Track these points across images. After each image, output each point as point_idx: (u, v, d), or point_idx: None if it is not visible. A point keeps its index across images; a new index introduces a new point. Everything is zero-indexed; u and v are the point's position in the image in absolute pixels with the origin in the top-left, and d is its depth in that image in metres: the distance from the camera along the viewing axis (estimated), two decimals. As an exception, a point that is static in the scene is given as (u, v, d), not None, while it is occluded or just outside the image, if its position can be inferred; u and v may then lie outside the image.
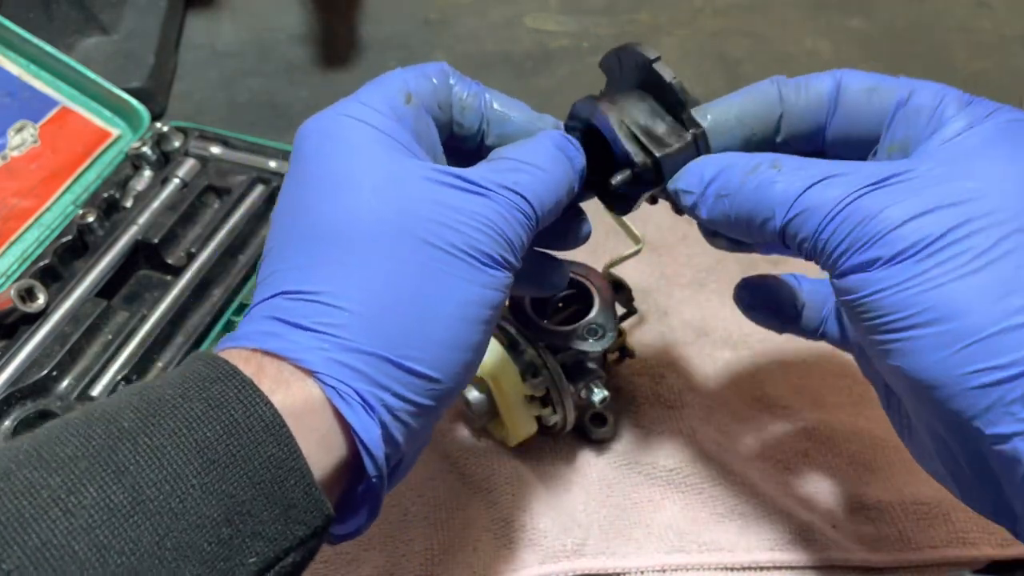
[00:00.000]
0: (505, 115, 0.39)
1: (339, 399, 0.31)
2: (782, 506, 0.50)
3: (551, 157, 0.37)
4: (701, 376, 0.57)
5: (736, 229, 0.36)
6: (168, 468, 0.27)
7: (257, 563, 0.29)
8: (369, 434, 0.31)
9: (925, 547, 0.49)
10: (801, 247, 0.34)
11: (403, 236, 0.32)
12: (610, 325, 0.49)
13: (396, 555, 0.49)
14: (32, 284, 0.59)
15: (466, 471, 0.52)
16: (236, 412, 0.29)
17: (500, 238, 0.34)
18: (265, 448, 0.29)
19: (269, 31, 0.87)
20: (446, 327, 0.32)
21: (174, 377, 0.30)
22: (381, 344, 0.31)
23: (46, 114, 0.68)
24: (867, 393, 0.56)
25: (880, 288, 0.31)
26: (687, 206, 0.37)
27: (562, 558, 0.49)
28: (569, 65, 0.81)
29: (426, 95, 0.37)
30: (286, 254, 0.33)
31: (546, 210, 0.36)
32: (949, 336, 0.30)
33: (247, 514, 0.28)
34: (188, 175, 0.67)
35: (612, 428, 0.53)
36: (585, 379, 0.50)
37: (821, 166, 0.34)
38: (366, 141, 0.34)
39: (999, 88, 0.28)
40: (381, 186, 0.33)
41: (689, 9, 0.88)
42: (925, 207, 0.31)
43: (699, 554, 0.49)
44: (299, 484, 0.29)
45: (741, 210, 0.35)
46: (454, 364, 0.33)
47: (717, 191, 0.36)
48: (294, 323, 0.31)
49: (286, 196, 0.35)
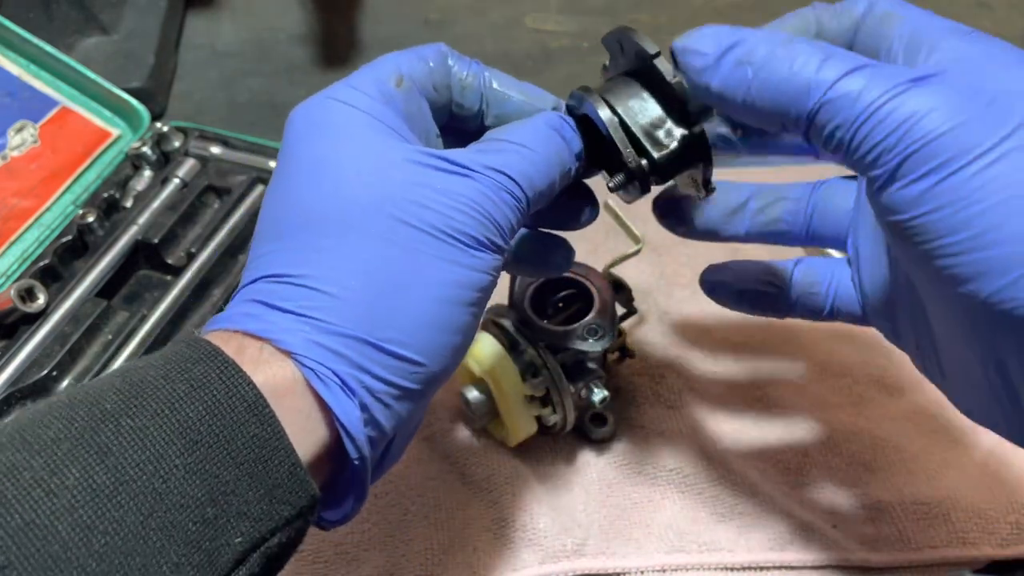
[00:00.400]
0: (504, 95, 0.38)
1: (317, 380, 0.30)
2: (782, 506, 0.50)
3: (543, 137, 0.36)
4: (701, 376, 0.57)
5: (751, 109, 0.32)
6: (151, 449, 0.27)
7: (243, 543, 0.28)
8: (349, 416, 0.31)
9: (925, 547, 0.49)
10: (830, 141, 0.30)
11: (385, 218, 0.32)
12: (610, 325, 0.49)
13: (396, 555, 0.49)
14: (32, 284, 0.59)
15: (466, 471, 0.52)
16: (218, 392, 0.29)
17: (486, 219, 0.33)
18: (248, 428, 0.29)
19: (269, 31, 0.87)
20: (428, 309, 0.32)
21: (156, 359, 0.30)
22: (362, 327, 0.31)
23: (46, 114, 0.68)
24: (867, 393, 0.56)
25: (934, 207, 0.28)
26: (693, 69, 0.33)
27: (562, 558, 0.49)
28: (569, 65, 0.81)
29: (420, 77, 0.36)
30: (270, 238, 0.33)
31: (537, 191, 0.35)
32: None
33: (231, 494, 0.28)
34: (188, 175, 0.67)
35: (612, 428, 0.53)
36: (585, 379, 0.50)
37: (861, 58, 0.30)
38: (351, 124, 0.34)
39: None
40: (365, 169, 0.33)
41: (689, 9, 0.88)
42: (974, 109, 0.28)
43: (699, 554, 0.49)
44: (283, 463, 0.29)
45: (766, 84, 0.31)
46: (439, 347, 0.33)
47: (738, 58, 0.32)
48: (275, 305, 0.31)
49: (274, 182, 0.35)
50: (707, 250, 0.63)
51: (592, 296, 0.50)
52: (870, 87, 0.29)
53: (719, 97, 0.33)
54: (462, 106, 0.38)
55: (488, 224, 0.33)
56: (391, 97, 0.35)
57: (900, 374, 0.56)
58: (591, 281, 0.51)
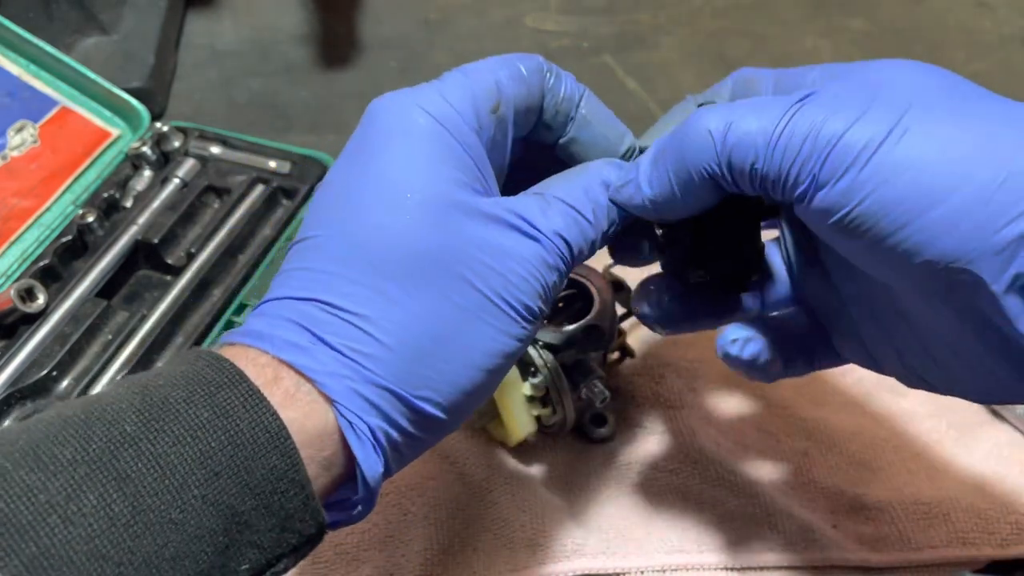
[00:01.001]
0: (587, 120, 0.37)
1: (352, 432, 0.30)
2: (782, 506, 0.50)
3: (601, 209, 0.35)
4: (701, 376, 0.57)
5: (675, 194, 0.33)
6: (171, 478, 0.27)
7: (249, 570, 0.28)
8: (372, 471, 0.31)
9: (925, 547, 0.49)
10: (752, 178, 0.31)
11: (451, 275, 0.31)
12: (610, 325, 0.49)
13: (396, 555, 0.49)
14: (32, 284, 0.59)
15: (466, 471, 0.52)
16: (242, 422, 0.28)
17: (542, 287, 0.33)
18: (268, 459, 0.28)
19: (269, 31, 0.87)
20: (468, 375, 0.32)
21: (178, 378, 0.29)
22: (402, 381, 0.31)
23: (46, 114, 0.68)
24: (867, 393, 0.56)
25: (865, 193, 0.29)
26: (629, 201, 0.34)
27: (562, 558, 0.49)
28: (569, 65, 0.80)
29: (517, 101, 0.35)
30: (324, 254, 0.32)
31: (581, 259, 0.35)
32: (969, 201, 0.28)
33: (245, 524, 0.28)
34: (188, 175, 0.67)
35: (612, 428, 0.53)
36: (585, 379, 0.50)
37: (740, 102, 0.32)
38: (438, 151, 0.32)
39: (999, 88, 0.28)
40: (442, 215, 0.31)
41: (689, 9, 0.88)
42: (860, 109, 0.30)
43: (699, 554, 0.49)
44: (298, 495, 0.29)
45: (677, 161, 0.32)
46: (463, 407, 0.33)
47: (651, 159, 0.34)
48: (324, 339, 0.30)
49: (338, 177, 0.33)
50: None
51: (592, 296, 0.50)
52: (764, 118, 0.31)
53: (653, 205, 0.34)
54: (550, 128, 0.37)
55: (542, 292, 0.33)
56: (484, 125, 0.34)
57: (900, 374, 0.56)
58: (591, 281, 0.51)
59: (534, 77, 0.35)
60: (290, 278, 0.32)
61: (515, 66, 0.35)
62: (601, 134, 0.37)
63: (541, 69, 0.36)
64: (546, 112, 0.36)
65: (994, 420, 0.54)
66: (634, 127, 0.39)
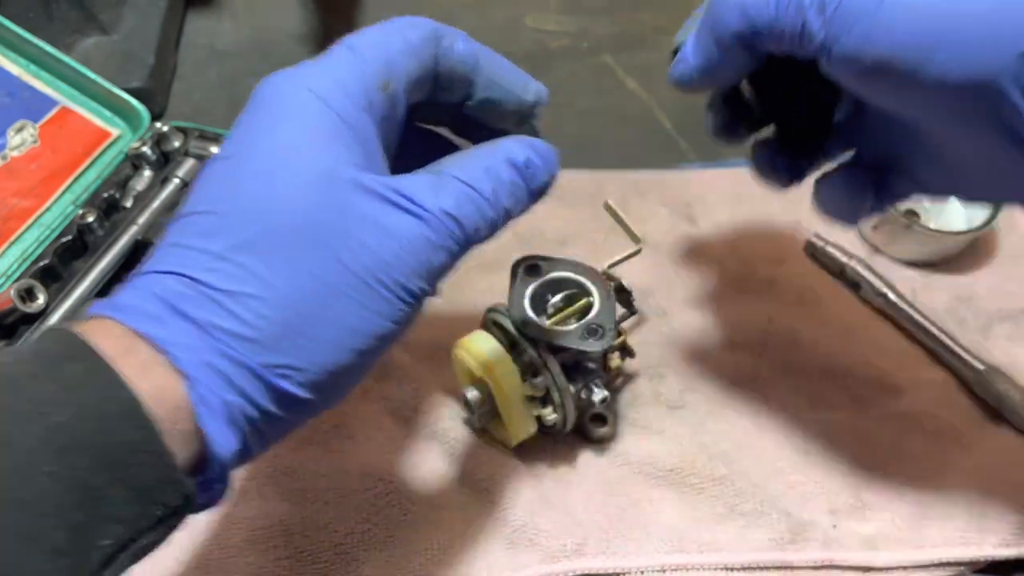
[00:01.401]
0: (490, 81, 0.37)
1: (203, 407, 0.29)
2: (782, 506, 0.50)
3: (506, 182, 0.34)
4: (701, 376, 0.57)
5: (716, 60, 0.38)
6: (16, 456, 0.26)
7: (112, 545, 0.27)
8: (224, 448, 0.30)
9: (925, 547, 0.49)
10: (775, 36, 0.34)
11: (319, 251, 0.30)
12: (610, 325, 0.49)
13: (396, 555, 0.49)
14: (32, 284, 0.59)
15: (466, 471, 0.52)
16: (89, 394, 0.27)
17: (422, 267, 0.32)
18: (121, 432, 0.27)
19: (269, 31, 0.86)
20: (334, 355, 0.31)
21: (26, 353, 0.29)
22: (262, 360, 0.30)
23: (46, 114, 0.68)
24: (867, 393, 0.56)
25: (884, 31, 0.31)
26: (681, 76, 0.40)
27: (562, 558, 0.49)
28: (569, 65, 0.81)
29: (409, 76, 0.35)
30: (201, 230, 0.31)
31: (479, 239, 0.34)
32: (983, 20, 0.30)
33: (101, 499, 0.27)
34: (188, 175, 0.67)
35: (612, 428, 0.53)
36: (585, 379, 0.50)
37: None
38: (321, 129, 0.32)
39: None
40: (315, 188, 0.31)
41: (689, 9, 0.87)
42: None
43: (699, 554, 0.49)
44: (157, 466, 0.28)
45: (711, 30, 0.37)
46: (330, 387, 0.32)
47: (693, 35, 0.39)
48: (184, 313, 0.30)
49: (224, 158, 0.33)
50: (708, 250, 0.63)
51: (592, 296, 0.50)
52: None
53: (699, 71, 0.39)
54: (447, 90, 0.37)
55: (422, 272, 0.32)
56: (374, 102, 0.33)
57: (900, 374, 0.56)
58: (591, 281, 0.51)
59: (425, 46, 0.35)
60: (161, 252, 0.32)
61: (404, 37, 0.35)
62: (506, 90, 0.38)
63: (431, 36, 0.36)
64: (441, 78, 0.36)
65: (994, 420, 0.54)
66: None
